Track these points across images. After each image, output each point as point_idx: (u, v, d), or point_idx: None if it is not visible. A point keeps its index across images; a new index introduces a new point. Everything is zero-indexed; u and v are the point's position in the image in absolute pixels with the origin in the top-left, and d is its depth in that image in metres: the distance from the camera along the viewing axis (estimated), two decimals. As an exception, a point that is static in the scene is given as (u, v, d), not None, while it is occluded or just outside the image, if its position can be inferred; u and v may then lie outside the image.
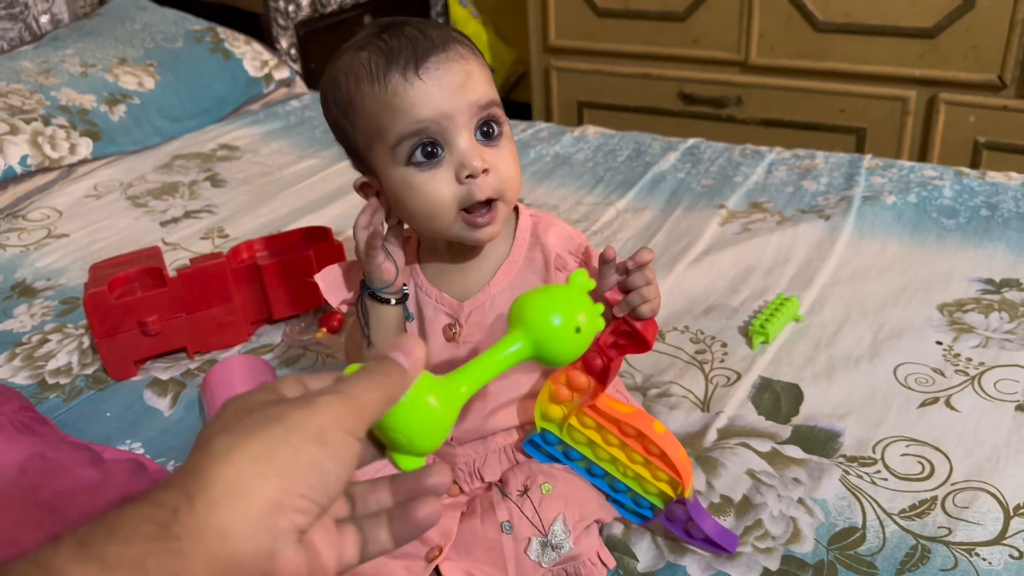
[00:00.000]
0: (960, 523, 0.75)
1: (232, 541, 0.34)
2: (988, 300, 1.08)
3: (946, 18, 1.92)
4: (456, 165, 0.66)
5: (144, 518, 0.34)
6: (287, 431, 0.37)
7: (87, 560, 0.32)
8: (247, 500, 0.35)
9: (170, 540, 0.33)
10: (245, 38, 2.04)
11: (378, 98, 0.66)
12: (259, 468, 0.36)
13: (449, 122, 0.66)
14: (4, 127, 1.55)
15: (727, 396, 0.94)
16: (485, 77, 0.68)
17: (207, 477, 0.35)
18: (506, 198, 0.69)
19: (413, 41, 0.66)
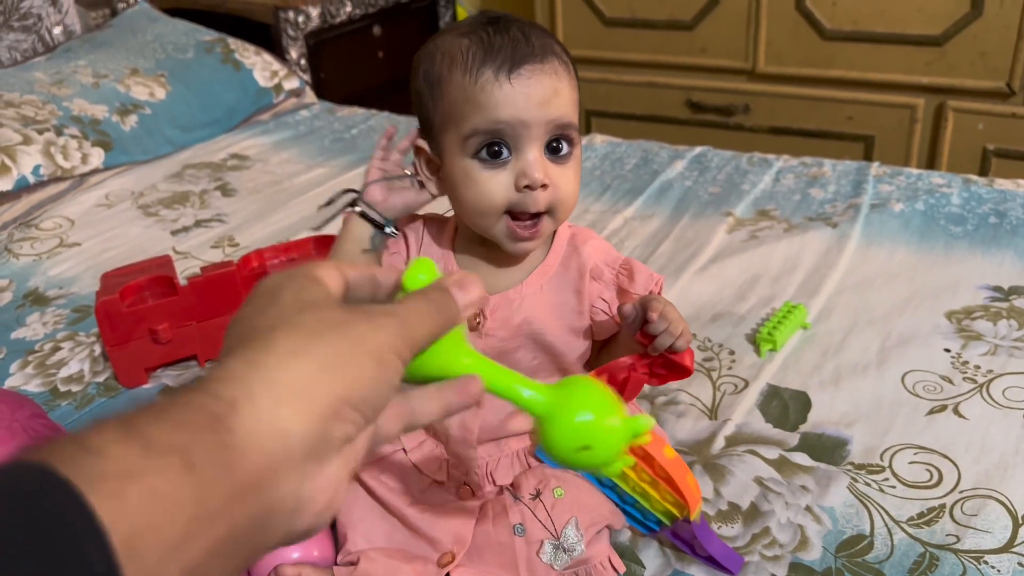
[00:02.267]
0: (968, 531, 0.75)
1: (287, 441, 0.34)
2: (996, 307, 1.08)
3: (954, 26, 1.92)
4: (518, 172, 0.67)
5: (198, 408, 0.32)
6: (352, 345, 0.37)
7: (129, 439, 0.30)
8: (310, 404, 0.35)
9: (223, 433, 0.32)
10: (255, 49, 2.05)
11: (466, 88, 0.67)
12: (325, 375, 0.36)
13: (524, 130, 0.67)
14: (17, 137, 1.56)
15: (735, 404, 0.94)
16: (571, 98, 0.69)
17: (273, 376, 0.34)
18: (556, 216, 0.70)
19: (515, 43, 0.67)
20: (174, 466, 0.30)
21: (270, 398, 0.34)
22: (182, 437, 0.31)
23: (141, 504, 0.28)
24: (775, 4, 2.10)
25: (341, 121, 1.97)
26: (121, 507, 0.28)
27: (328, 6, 2.29)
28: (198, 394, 0.33)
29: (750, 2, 2.13)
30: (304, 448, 0.34)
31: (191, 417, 0.32)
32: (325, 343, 0.36)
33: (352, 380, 0.36)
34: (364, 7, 2.39)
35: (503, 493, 0.74)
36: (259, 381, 0.34)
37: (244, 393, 0.33)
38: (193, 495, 0.30)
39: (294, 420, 0.34)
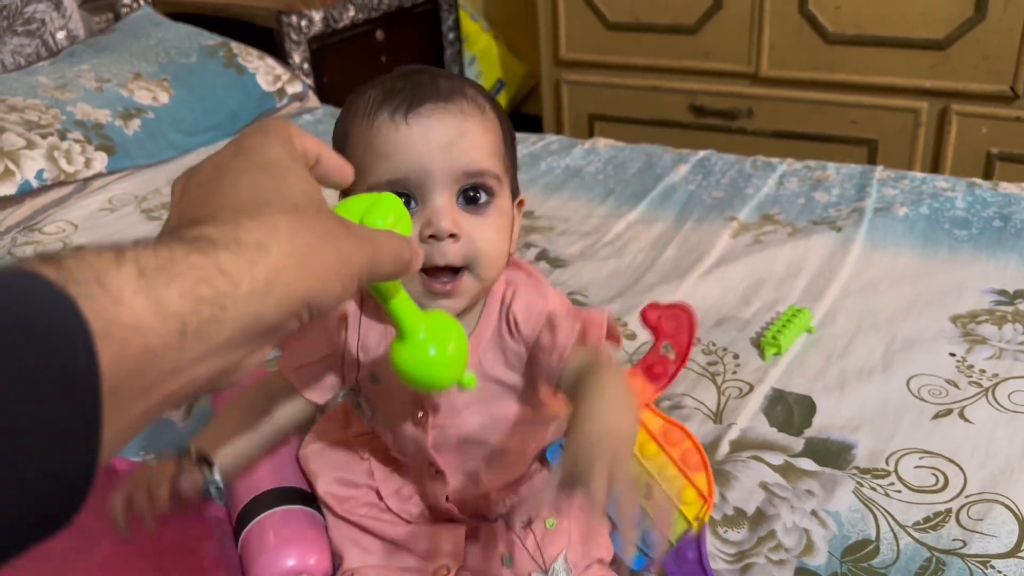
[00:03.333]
0: (975, 535, 0.75)
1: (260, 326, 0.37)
2: (1001, 311, 1.08)
3: (957, 29, 1.92)
4: (423, 222, 0.61)
5: (205, 278, 0.35)
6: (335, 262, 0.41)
7: (143, 293, 0.33)
8: (287, 300, 0.38)
9: (218, 308, 0.35)
10: (258, 53, 2.05)
11: (364, 136, 0.62)
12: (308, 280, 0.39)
13: (427, 178, 0.60)
14: (21, 142, 1.56)
15: (739, 408, 0.94)
16: (483, 143, 0.62)
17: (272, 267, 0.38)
18: (477, 272, 0.63)
19: (418, 86, 0.62)
20: (172, 333, 0.33)
21: (264, 286, 0.37)
22: (186, 305, 0.34)
23: (135, 357, 0.32)
24: (778, 8, 2.10)
25: (344, 125, 1.97)
26: (120, 356, 0.31)
27: (331, 10, 2.30)
28: (209, 262, 0.36)
29: (753, 6, 2.13)
30: (267, 332, 0.38)
31: (198, 287, 0.35)
32: (319, 251, 0.40)
33: (324, 290, 0.40)
34: (367, 11, 2.40)
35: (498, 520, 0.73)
36: (262, 266, 0.37)
37: (248, 275, 0.36)
38: (175, 355, 0.34)
39: (272, 310, 0.38)
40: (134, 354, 0.32)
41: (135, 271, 0.33)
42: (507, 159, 0.66)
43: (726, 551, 0.76)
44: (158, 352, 0.33)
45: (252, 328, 0.37)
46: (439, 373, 0.55)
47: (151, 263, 0.34)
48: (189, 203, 0.42)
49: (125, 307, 0.32)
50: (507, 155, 0.66)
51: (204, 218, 0.39)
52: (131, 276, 0.33)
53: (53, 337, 0.29)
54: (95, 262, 0.32)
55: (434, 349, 0.55)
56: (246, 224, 0.38)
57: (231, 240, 0.37)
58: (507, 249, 0.65)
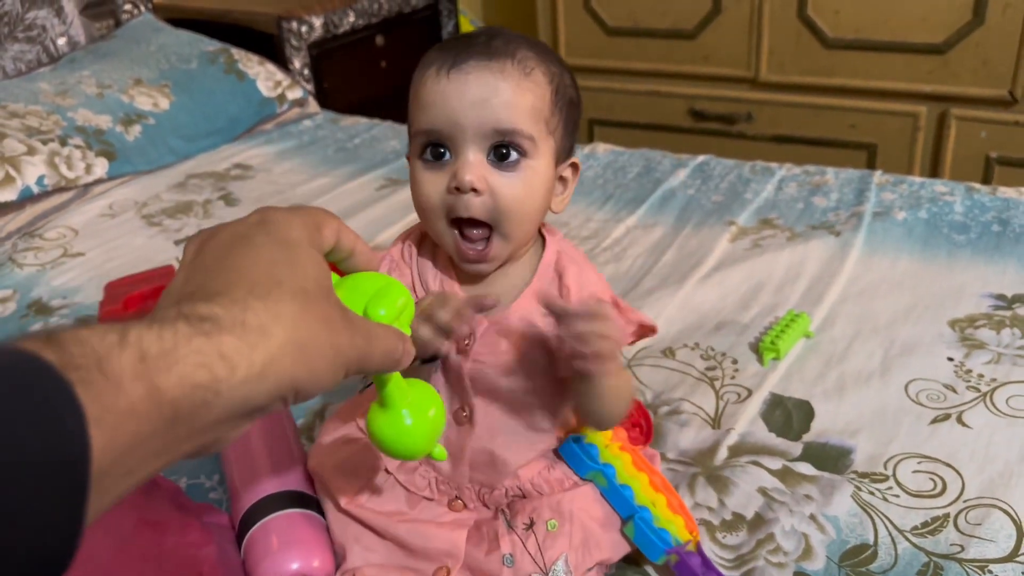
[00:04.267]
0: (973, 540, 0.75)
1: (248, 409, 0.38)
2: (1000, 316, 1.08)
3: (956, 34, 1.93)
4: (451, 174, 0.65)
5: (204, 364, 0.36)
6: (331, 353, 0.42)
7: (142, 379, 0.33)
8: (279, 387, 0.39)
9: (212, 394, 0.36)
10: (259, 59, 2.06)
11: (415, 86, 0.67)
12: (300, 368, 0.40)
13: (459, 132, 0.64)
14: (22, 148, 1.57)
15: (738, 413, 0.94)
16: (518, 103, 0.65)
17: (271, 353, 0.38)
18: (502, 229, 0.66)
19: (471, 44, 0.65)
20: (164, 418, 0.34)
21: (260, 372, 0.37)
22: (182, 392, 0.35)
23: (126, 442, 0.33)
24: (777, 13, 2.11)
25: (344, 131, 1.98)
26: (111, 442, 0.32)
27: (331, 16, 2.30)
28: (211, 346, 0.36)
29: (752, 11, 2.14)
30: (252, 412, 0.39)
31: (196, 374, 0.35)
32: (316, 341, 0.41)
33: (312, 379, 0.41)
34: (367, 17, 2.40)
35: (498, 518, 0.73)
36: (261, 351, 0.38)
37: (247, 360, 0.37)
38: (163, 440, 0.34)
39: (262, 395, 0.38)
40: (125, 440, 0.33)
41: (137, 356, 0.34)
42: (552, 121, 0.68)
43: (725, 556, 0.76)
44: (147, 437, 0.34)
45: (240, 410, 0.38)
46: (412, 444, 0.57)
47: (154, 348, 0.35)
48: (201, 268, 0.42)
49: (123, 393, 0.33)
50: (553, 117, 0.68)
51: (214, 293, 0.39)
52: (132, 361, 0.33)
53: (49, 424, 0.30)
54: (98, 345, 0.33)
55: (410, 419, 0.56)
56: (253, 306, 0.39)
57: (237, 323, 0.38)
58: (536, 208, 0.68)
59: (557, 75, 0.68)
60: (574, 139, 0.73)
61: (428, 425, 0.57)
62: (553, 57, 0.70)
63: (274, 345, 0.38)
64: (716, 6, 2.18)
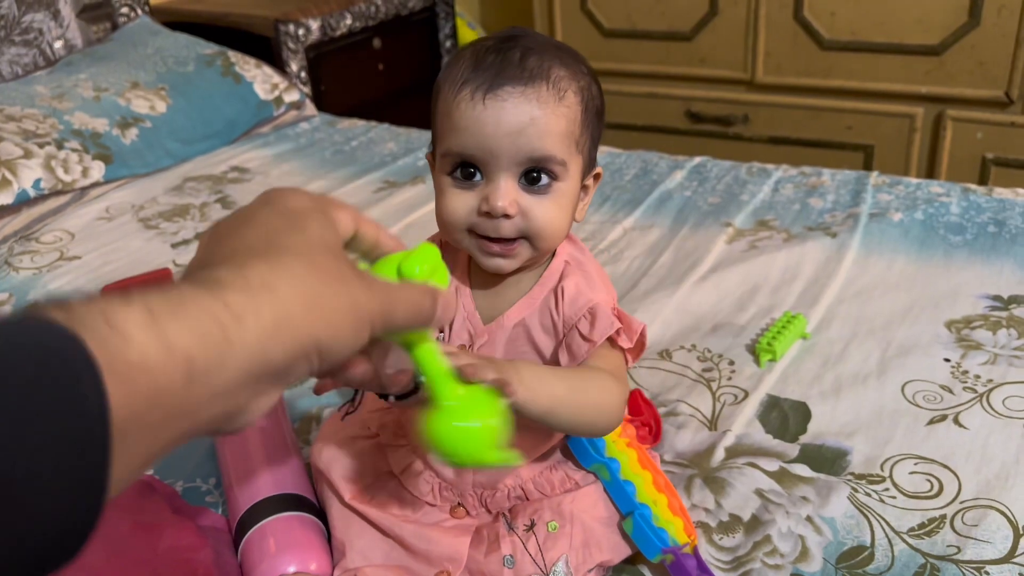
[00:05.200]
0: (969, 541, 0.75)
1: (267, 367, 0.37)
2: (996, 317, 1.08)
3: (952, 35, 1.93)
4: (482, 197, 0.65)
5: (211, 314, 0.35)
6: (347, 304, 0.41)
7: (151, 329, 0.33)
8: (294, 340, 0.38)
9: (225, 345, 0.35)
10: (256, 62, 2.06)
11: (448, 104, 0.66)
12: (316, 320, 0.39)
13: (493, 158, 0.64)
14: (18, 151, 1.57)
15: (735, 414, 0.94)
16: (553, 131, 0.64)
17: (279, 304, 0.38)
18: (535, 243, 0.67)
19: (505, 63, 0.64)
20: (179, 370, 0.33)
21: (271, 325, 0.37)
22: (193, 343, 0.34)
23: (143, 397, 0.32)
24: (774, 14, 2.11)
25: (341, 133, 1.98)
26: (129, 396, 0.31)
27: (328, 19, 2.30)
28: (212, 300, 0.36)
29: (749, 13, 2.14)
30: (274, 373, 0.38)
31: (205, 324, 0.35)
32: (329, 293, 0.40)
33: (334, 334, 0.40)
34: (364, 20, 2.40)
35: (499, 520, 0.73)
36: (268, 304, 0.37)
37: (253, 310, 0.37)
38: (181, 397, 0.34)
39: (279, 350, 0.38)
40: (143, 392, 0.32)
41: (143, 309, 0.33)
42: (582, 140, 0.68)
43: (722, 558, 0.76)
44: (166, 391, 0.33)
45: (259, 369, 0.37)
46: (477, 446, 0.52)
47: (159, 302, 0.34)
48: (208, 249, 0.43)
49: (134, 345, 0.32)
50: (582, 136, 0.68)
51: (217, 261, 0.40)
52: (139, 314, 0.33)
53: (63, 379, 0.30)
54: (103, 304, 0.33)
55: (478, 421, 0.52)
56: (255, 265, 0.39)
57: (239, 279, 0.37)
58: (566, 225, 0.69)
59: (586, 89, 0.68)
60: (597, 148, 0.74)
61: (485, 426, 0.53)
62: (582, 68, 0.69)
63: (281, 300, 0.38)
64: (712, 8, 2.18)
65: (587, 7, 2.35)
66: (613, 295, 0.74)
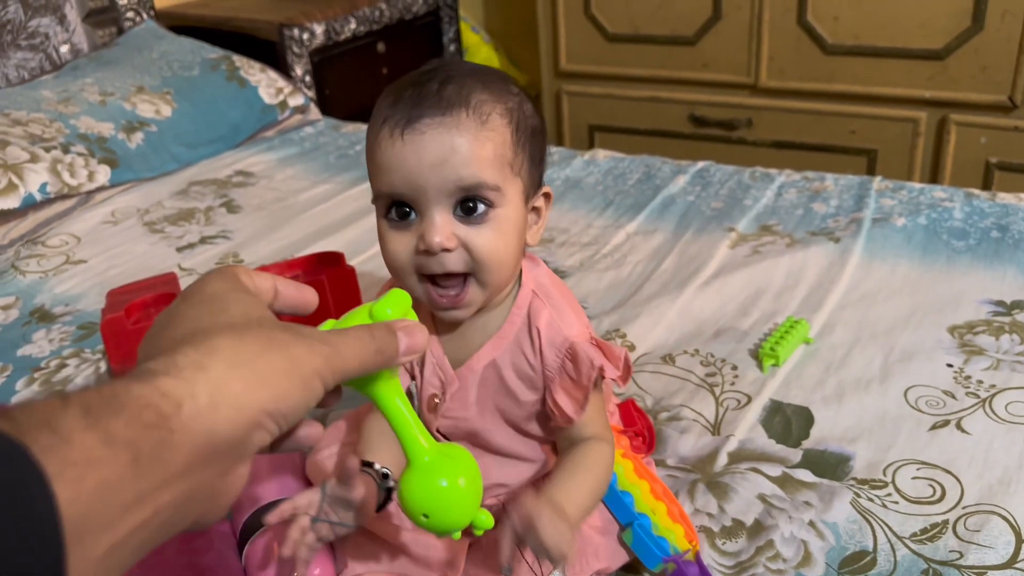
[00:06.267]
0: (972, 547, 0.75)
1: (215, 442, 0.38)
2: (999, 322, 1.08)
3: (955, 40, 1.93)
4: (419, 235, 0.63)
5: (149, 404, 0.36)
6: (287, 365, 0.42)
7: (91, 429, 0.34)
8: (240, 413, 0.39)
9: (166, 431, 0.36)
10: (260, 66, 2.07)
11: (370, 145, 0.65)
12: (258, 389, 0.40)
13: (421, 194, 0.62)
14: (25, 155, 1.58)
15: (737, 419, 0.94)
16: (479, 156, 0.62)
17: (214, 383, 0.39)
18: (481, 278, 0.65)
19: (422, 96, 0.62)
20: (125, 460, 0.34)
21: (209, 402, 0.38)
22: (134, 432, 0.35)
23: (92, 492, 0.33)
24: (777, 19, 2.12)
25: (345, 137, 1.99)
26: (77, 494, 0.32)
27: (332, 23, 2.31)
28: (149, 390, 0.37)
29: (752, 17, 2.14)
30: (228, 448, 0.39)
31: (143, 414, 0.36)
32: (264, 359, 0.41)
33: (280, 396, 0.41)
34: (368, 24, 2.41)
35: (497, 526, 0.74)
36: (202, 383, 0.38)
37: (189, 394, 0.38)
38: (133, 485, 0.35)
39: (225, 424, 0.38)
40: (91, 488, 0.33)
41: (81, 410, 0.34)
42: (516, 162, 0.65)
43: (725, 563, 0.76)
44: (115, 483, 0.34)
45: (207, 446, 0.38)
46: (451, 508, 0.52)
47: (95, 401, 0.35)
48: (142, 352, 0.43)
49: (76, 445, 0.33)
50: (517, 157, 0.65)
51: (146, 358, 0.40)
52: (78, 415, 0.34)
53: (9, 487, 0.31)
54: (43, 409, 0.34)
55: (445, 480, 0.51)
56: (183, 351, 0.40)
57: (170, 367, 0.38)
58: (512, 253, 0.66)
59: (515, 109, 0.65)
60: (543, 167, 0.71)
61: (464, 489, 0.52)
62: (509, 89, 0.66)
63: (214, 375, 0.39)
64: (716, 12, 2.19)
65: (591, 11, 2.35)
66: (585, 322, 0.72)
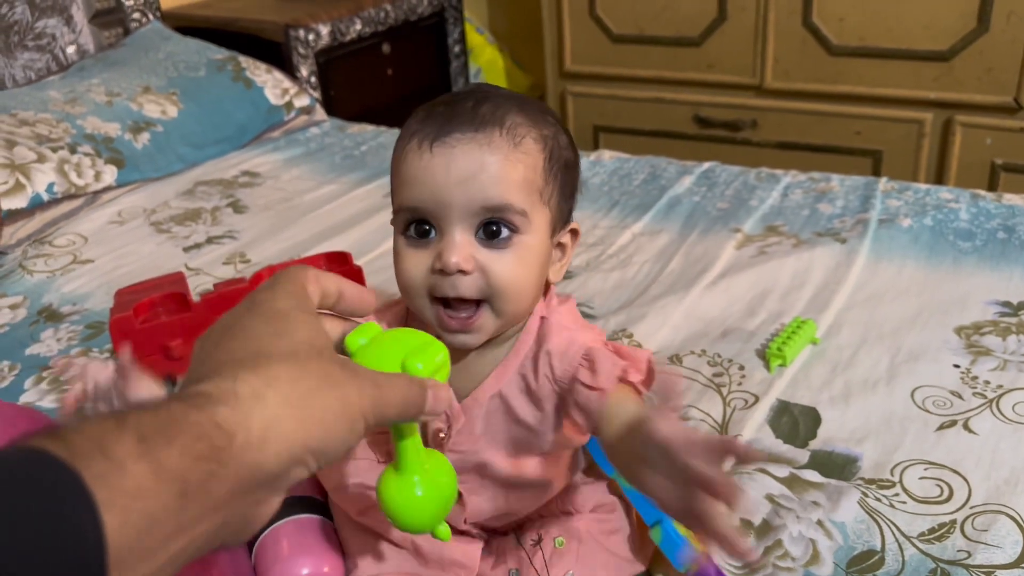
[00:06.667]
0: (979, 546, 0.75)
1: (260, 477, 0.38)
2: (1005, 323, 1.08)
3: (960, 41, 1.93)
4: (435, 254, 0.60)
5: (202, 435, 0.36)
6: (338, 407, 0.42)
7: (144, 458, 0.34)
8: (287, 448, 0.39)
9: (215, 463, 0.36)
10: (266, 67, 2.07)
11: (397, 158, 0.63)
12: (308, 427, 0.40)
13: (444, 210, 0.59)
14: (32, 155, 1.58)
15: (745, 419, 0.94)
16: (508, 177, 0.59)
17: (269, 416, 0.38)
18: (498, 307, 0.61)
19: (455, 113, 0.60)
20: (173, 493, 0.34)
21: (261, 436, 0.38)
22: (186, 465, 0.35)
23: (138, 522, 0.33)
24: (782, 20, 2.12)
25: (351, 138, 1.99)
26: (124, 524, 0.32)
27: (338, 24, 2.31)
28: (206, 418, 0.37)
29: (757, 18, 2.15)
30: (268, 481, 0.39)
31: (196, 445, 0.36)
32: (319, 400, 0.41)
33: (325, 436, 0.41)
34: (373, 25, 2.41)
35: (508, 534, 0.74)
36: (257, 416, 0.38)
37: (243, 427, 0.37)
38: (176, 517, 0.35)
39: (272, 460, 0.38)
40: (137, 520, 0.33)
41: (136, 437, 0.34)
42: (547, 191, 0.63)
43: (734, 562, 0.76)
44: (160, 515, 0.34)
45: (251, 479, 0.38)
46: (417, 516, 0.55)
47: (151, 426, 0.35)
48: (198, 361, 0.43)
49: (128, 474, 0.33)
50: (547, 186, 0.63)
51: (205, 375, 0.40)
52: (132, 442, 0.34)
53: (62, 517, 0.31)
54: (97, 433, 0.34)
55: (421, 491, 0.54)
56: (243, 377, 0.39)
57: (228, 394, 0.38)
58: (532, 284, 0.63)
59: (551, 138, 0.63)
60: (573, 203, 0.68)
61: (437, 500, 0.55)
62: (547, 118, 0.64)
63: (271, 409, 0.38)
64: (721, 14, 2.19)
65: (596, 12, 2.36)
66: (600, 333, 0.69)
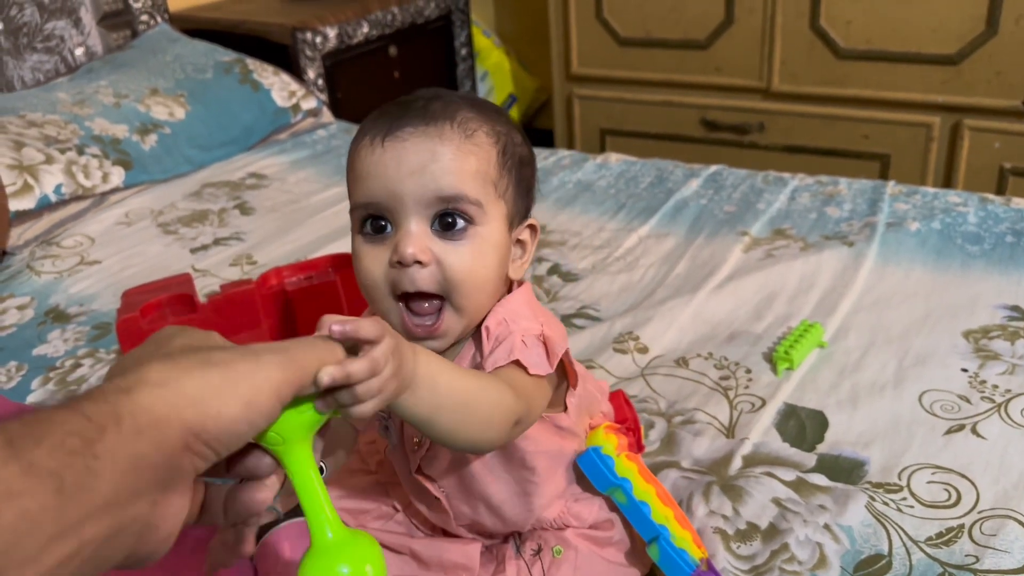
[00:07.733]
0: (987, 551, 0.75)
1: (143, 469, 0.37)
2: (1014, 327, 1.08)
3: (969, 45, 1.93)
4: (392, 248, 0.60)
5: (72, 430, 0.35)
6: (223, 383, 0.39)
7: (14, 460, 0.33)
8: (163, 435, 0.37)
9: (90, 458, 0.35)
10: (273, 69, 2.08)
11: (351, 157, 0.63)
12: (184, 409, 0.38)
13: (398, 203, 0.60)
14: (40, 156, 1.59)
15: (752, 422, 0.94)
16: (461, 168, 0.60)
17: (137, 404, 0.37)
18: (454, 301, 0.61)
19: (407, 109, 0.61)
20: (47, 489, 0.33)
21: (132, 426, 0.36)
22: (57, 460, 0.34)
23: (13, 522, 0.32)
24: (789, 23, 2.11)
25: (358, 140, 1.99)
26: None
27: (345, 27, 2.32)
28: (73, 415, 0.36)
29: (764, 21, 2.14)
30: (155, 476, 0.37)
31: (66, 440, 0.34)
32: (194, 378, 0.39)
33: (211, 416, 0.39)
34: (380, 28, 2.42)
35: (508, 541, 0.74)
36: (125, 406, 0.37)
37: (112, 419, 0.36)
38: (55, 515, 0.33)
39: (150, 448, 0.37)
40: (11, 521, 0.32)
41: (3, 441, 0.34)
42: (501, 184, 0.63)
43: (740, 566, 0.76)
44: (37, 514, 0.33)
45: (134, 472, 0.36)
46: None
47: (18, 430, 0.34)
48: None
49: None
50: (502, 180, 0.63)
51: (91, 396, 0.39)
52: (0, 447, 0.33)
53: None
54: None
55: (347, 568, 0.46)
56: (115, 380, 0.39)
57: (97, 393, 0.37)
58: (490, 277, 0.63)
59: (504, 133, 0.64)
60: (530, 200, 0.68)
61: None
62: (499, 116, 0.65)
63: (137, 397, 0.37)
64: (728, 17, 2.19)
65: (603, 15, 2.35)
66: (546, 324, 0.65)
